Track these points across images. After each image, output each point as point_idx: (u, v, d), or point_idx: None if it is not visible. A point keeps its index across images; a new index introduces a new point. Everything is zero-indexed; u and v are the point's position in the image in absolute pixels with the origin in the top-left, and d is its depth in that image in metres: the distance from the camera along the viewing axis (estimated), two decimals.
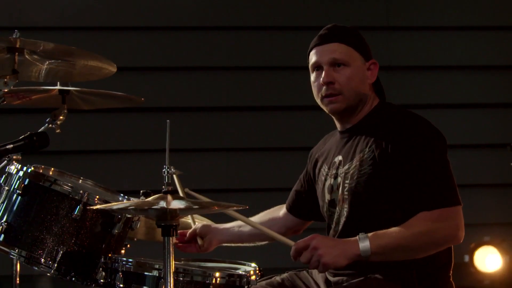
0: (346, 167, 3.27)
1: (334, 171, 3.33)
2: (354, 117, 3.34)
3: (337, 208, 3.30)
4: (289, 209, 3.72)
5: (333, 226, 3.33)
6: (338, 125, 3.41)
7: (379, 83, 3.42)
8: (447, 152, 3.23)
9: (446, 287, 3.25)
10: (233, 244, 3.80)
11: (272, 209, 3.83)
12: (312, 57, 3.35)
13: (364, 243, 3.02)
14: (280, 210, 3.77)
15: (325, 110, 3.35)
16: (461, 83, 6.87)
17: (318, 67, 3.33)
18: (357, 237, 3.04)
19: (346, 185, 3.26)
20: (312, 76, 3.36)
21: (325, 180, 3.39)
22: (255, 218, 3.79)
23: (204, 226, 3.74)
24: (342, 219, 3.26)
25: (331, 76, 3.28)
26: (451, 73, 6.89)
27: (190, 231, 3.73)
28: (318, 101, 3.35)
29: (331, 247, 3.03)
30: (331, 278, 3.33)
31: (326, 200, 3.37)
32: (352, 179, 3.23)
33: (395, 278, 3.15)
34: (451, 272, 3.29)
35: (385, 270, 3.15)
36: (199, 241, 3.71)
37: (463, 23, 6.89)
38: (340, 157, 3.33)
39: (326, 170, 3.40)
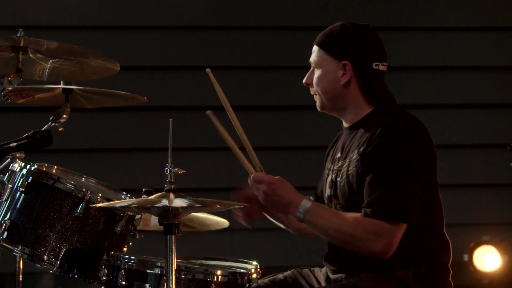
0: (340, 164, 3.32)
1: (334, 167, 3.37)
2: (345, 116, 3.38)
3: (332, 204, 3.35)
4: None
5: None
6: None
7: (375, 85, 3.38)
8: (426, 163, 3.20)
9: (444, 286, 3.27)
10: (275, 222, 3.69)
11: None
12: None
13: (300, 213, 3.12)
14: None
15: None
16: (461, 84, 6.87)
17: None
18: (302, 202, 3.13)
19: (337, 182, 3.32)
20: None
21: (328, 175, 3.42)
22: None
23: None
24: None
25: (308, 78, 3.40)
26: (451, 73, 6.90)
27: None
28: None
29: (275, 201, 3.16)
30: (331, 276, 3.36)
31: (327, 195, 3.41)
32: (342, 178, 3.28)
33: (393, 276, 3.17)
34: (450, 272, 3.30)
35: (382, 268, 3.18)
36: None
37: (463, 24, 6.89)
38: (339, 154, 3.37)
39: (330, 165, 3.43)
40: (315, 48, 3.36)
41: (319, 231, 3.17)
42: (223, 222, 4.01)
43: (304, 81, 3.40)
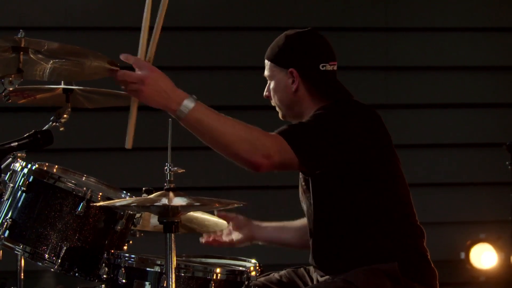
0: None
1: None
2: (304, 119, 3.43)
3: (305, 201, 3.41)
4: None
5: (307, 220, 3.43)
6: None
7: (327, 86, 3.41)
8: (357, 134, 3.23)
9: (429, 274, 3.31)
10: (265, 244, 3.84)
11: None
12: None
13: (185, 107, 3.03)
14: (299, 220, 3.82)
15: None
16: (458, 84, 6.90)
17: None
18: (187, 98, 3.05)
19: (301, 176, 3.42)
20: None
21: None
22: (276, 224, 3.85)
23: (242, 219, 3.81)
24: (310, 210, 3.36)
25: (267, 90, 3.51)
26: (448, 73, 6.93)
27: (222, 215, 3.79)
28: None
29: (155, 92, 3.01)
30: (319, 279, 3.40)
31: (300, 194, 3.49)
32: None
33: (380, 270, 3.21)
34: (431, 262, 3.34)
35: (368, 265, 3.22)
36: (234, 236, 3.80)
37: (461, 25, 6.92)
38: None
39: None
40: (266, 62, 3.49)
41: (204, 129, 3.06)
42: (223, 224, 4.03)
43: (264, 94, 3.51)
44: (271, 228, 3.83)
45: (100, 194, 3.38)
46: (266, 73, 3.49)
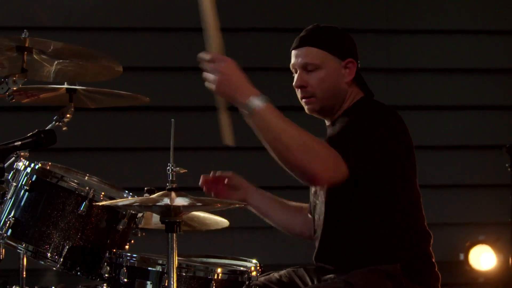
0: None
1: None
2: (335, 113, 3.41)
3: (319, 198, 3.41)
4: (309, 211, 3.75)
5: (316, 217, 3.42)
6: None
7: (362, 79, 3.43)
8: (392, 141, 3.21)
9: (431, 277, 3.32)
10: (256, 212, 3.75)
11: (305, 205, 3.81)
12: (291, 60, 3.46)
13: (253, 105, 3.03)
14: (296, 203, 3.81)
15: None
16: (458, 86, 6.91)
17: (295, 69, 3.43)
18: (259, 96, 3.05)
19: None
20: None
21: None
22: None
23: (238, 179, 3.74)
24: (322, 208, 3.36)
25: (303, 80, 3.38)
26: (449, 75, 6.93)
27: (219, 174, 3.75)
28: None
29: (231, 84, 3.05)
30: (322, 277, 3.41)
31: (312, 191, 3.48)
32: None
33: (381, 271, 3.21)
34: (435, 264, 3.35)
35: (371, 265, 3.22)
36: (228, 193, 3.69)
37: (461, 27, 6.93)
38: None
39: None
40: (312, 49, 3.37)
41: (270, 128, 3.04)
42: (223, 222, 4.05)
43: (298, 83, 3.39)
44: (266, 199, 3.76)
45: (103, 193, 3.40)
46: (312, 60, 3.36)
